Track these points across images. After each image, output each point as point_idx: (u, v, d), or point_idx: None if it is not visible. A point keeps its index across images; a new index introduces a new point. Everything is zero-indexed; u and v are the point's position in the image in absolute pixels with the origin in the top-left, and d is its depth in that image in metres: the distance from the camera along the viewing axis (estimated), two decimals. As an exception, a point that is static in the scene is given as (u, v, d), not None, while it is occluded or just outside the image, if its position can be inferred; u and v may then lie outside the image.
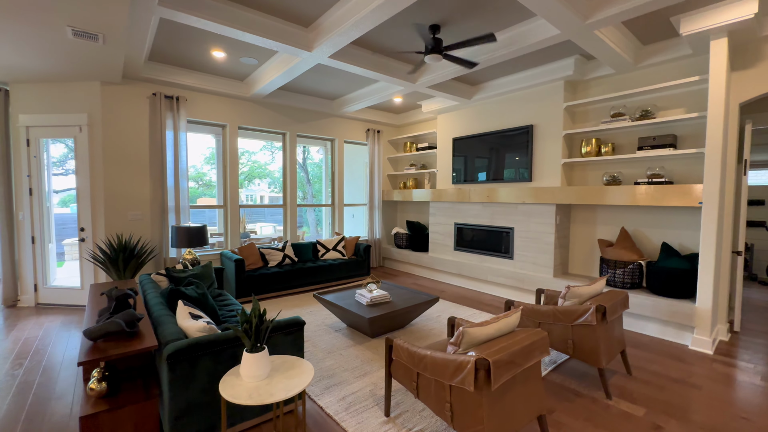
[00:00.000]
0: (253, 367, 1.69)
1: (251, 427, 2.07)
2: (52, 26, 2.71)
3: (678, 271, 3.35)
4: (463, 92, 4.99)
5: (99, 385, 1.79)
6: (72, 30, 2.77)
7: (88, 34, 2.83)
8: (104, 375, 1.81)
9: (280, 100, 5.25)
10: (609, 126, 3.85)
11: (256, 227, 10.57)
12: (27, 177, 4.16)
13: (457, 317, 2.81)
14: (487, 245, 5.08)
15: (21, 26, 2.72)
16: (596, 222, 4.27)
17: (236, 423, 2.00)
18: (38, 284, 4.27)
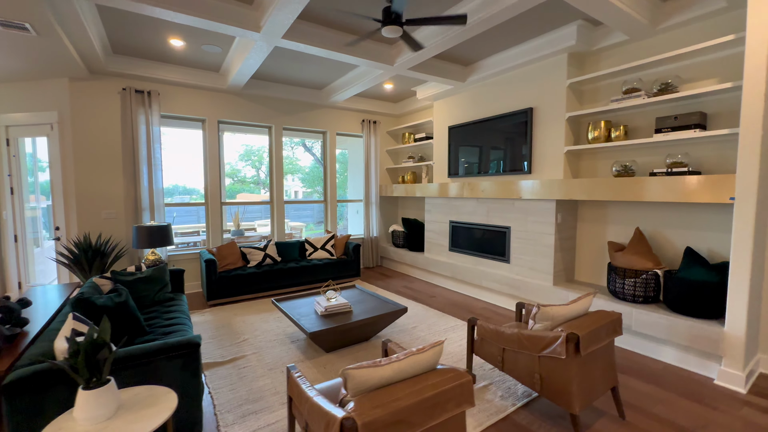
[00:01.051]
0: (88, 407, 1.38)
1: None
2: (-30, 16, 2.56)
3: (702, 284, 2.65)
4: (456, 74, 4.43)
5: (-58, 413, 1.57)
6: (-4, 20, 2.61)
7: (12, 23, 2.67)
8: (-50, 402, 1.59)
9: (262, 92, 4.97)
10: (620, 105, 3.16)
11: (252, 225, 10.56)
12: (8, 176, 4.20)
13: (477, 319, 2.36)
14: (483, 246, 4.52)
15: (-53, 19, 2.61)
16: (607, 221, 3.59)
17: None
18: (21, 282, 4.33)
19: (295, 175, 13.69)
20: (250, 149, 12.89)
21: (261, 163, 13.19)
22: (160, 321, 2.77)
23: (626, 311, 2.99)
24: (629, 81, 3.18)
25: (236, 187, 13.04)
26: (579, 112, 3.46)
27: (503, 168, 4.22)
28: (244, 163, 13.31)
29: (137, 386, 1.64)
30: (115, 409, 1.46)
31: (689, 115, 2.80)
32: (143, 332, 2.53)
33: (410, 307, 4.10)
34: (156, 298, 3.17)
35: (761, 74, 2.28)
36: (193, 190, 12.73)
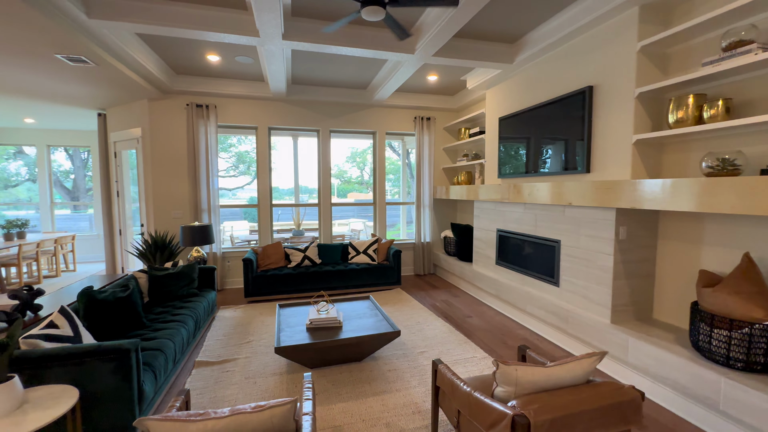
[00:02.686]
0: (-13, 402, 1.49)
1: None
2: (42, 55, 3.19)
3: None
4: (500, 55, 3.71)
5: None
6: (64, 57, 3.21)
7: (73, 57, 3.24)
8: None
9: (306, 96, 5.08)
10: (716, 68, 2.11)
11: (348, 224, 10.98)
12: (115, 182, 5.25)
13: (442, 361, 2.04)
14: (530, 262, 3.68)
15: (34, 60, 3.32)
16: (703, 240, 2.47)
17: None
18: (124, 267, 5.37)
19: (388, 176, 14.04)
20: (355, 152, 13.66)
21: (365, 165, 13.89)
22: (167, 316, 3.00)
23: (713, 379, 1.99)
24: (734, 31, 2.09)
25: (344, 187, 14.02)
26: (653, 86, 2.46)
27: (554, 166, 3.34)
28: (350, 165, 14.25)
29: (51, 385, 1.73)
30: (17, 405, 1.55)
31: (841, 71, 1.67)
32: (142, 326, 2.77)
33: (436, 328, 3.61)
34: (180, 293, 3.48)
35: None
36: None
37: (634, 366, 2.46)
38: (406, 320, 3.80)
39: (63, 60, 3.30)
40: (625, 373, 2.54)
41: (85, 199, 8.04)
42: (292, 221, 7.13)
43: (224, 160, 10.83)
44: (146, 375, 2.11)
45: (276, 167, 9.89)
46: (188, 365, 2.89)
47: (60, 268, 6.05)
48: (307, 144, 5.84)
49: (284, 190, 10.70)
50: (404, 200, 6.24)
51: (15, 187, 8.25)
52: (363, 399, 2.39)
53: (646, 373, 2.38)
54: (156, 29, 2.93)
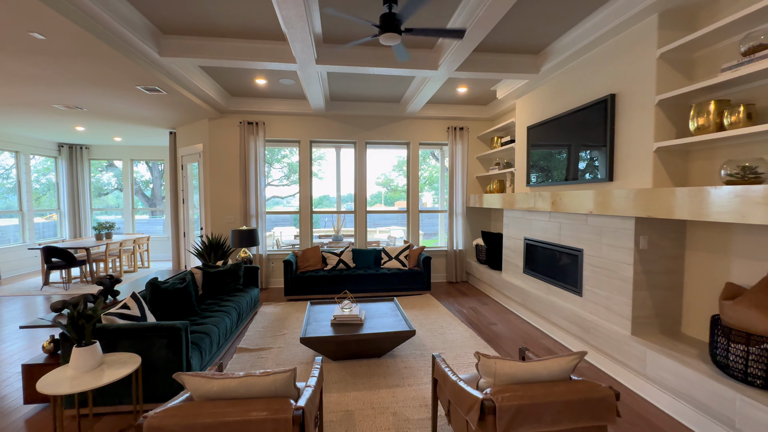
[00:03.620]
0: (76, 359, 1.95)
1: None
2: (125, 87, 3.88)
3: None
4: (525, 66, 3.78)
5: (49, 345, 2.48)
6: (142, 88, 3.89)
7: (150, 88, 3.90)
8: (54, 339, 2.50)
9: (343, 111, 5.48)
10: (736, 73, 2.06)
11: (388, 231, 11.28)
12: (181, 191, 6.04)
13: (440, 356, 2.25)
14: (555, 272, 3.64)
15: (121, 92, 4.05)
16: (730, 251, 2.36)
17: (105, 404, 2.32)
18: (187, 265, 6.12)
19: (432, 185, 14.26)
20: (402, 161, 14.09)
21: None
22: (215, 307, 3.47)
23: (728, 395, 1.91)
24: (754, 35, 2.03)
25: (391, 195, 14.52)
26: (673, 93, 2.42)
27: (579, 174, 3.32)
28: (397, 174, 14.73)
29: (121, 353, 2.18)
30: (97, 364, 2.00)
31: None
32: (195, 313, 3.24)
33: (458, 332, 3.71)
34: (228, 288, 3.96)
35: None
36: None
37: (652, 379, 2.39)
38: (430, 324, 3.94)
39: (142, 90, 3.98)
40: (643, 386, 2.47)
41: (161, 205, 9.23)
42: (333, 227, 7.56)
43: (278, 170, 11.74)
44: (194, 352, 2.51)
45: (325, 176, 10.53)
46: (231, 350, 3.31)
47: (137, 264, 7.04)
48: (350, 154, 6.25)
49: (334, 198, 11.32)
50: (441, 208, 6.37)
51: (106, 195, 9.75)
52: (376, 390, 2.60)
53: (665, 387, 2.31)
54: (214, 62, 3.46)
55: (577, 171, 3.35)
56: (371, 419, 2.27)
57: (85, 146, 7.84)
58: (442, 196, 6.38)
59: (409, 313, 4.30)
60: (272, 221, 12.16)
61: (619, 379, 2.69)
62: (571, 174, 3.41)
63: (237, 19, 3.03)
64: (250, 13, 2.95)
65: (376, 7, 2.84)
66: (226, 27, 3.17)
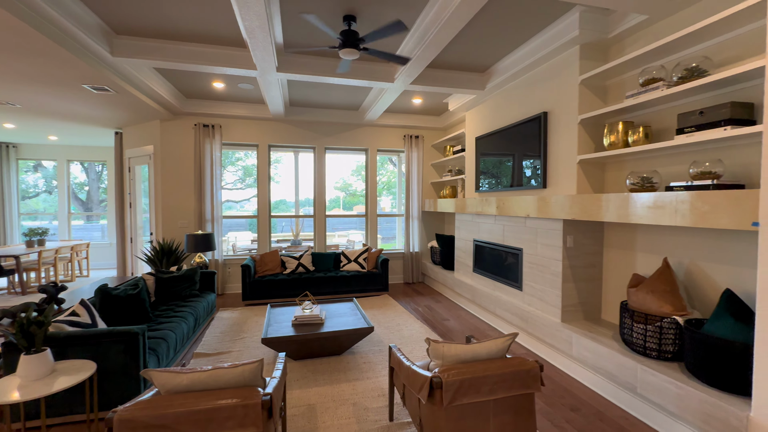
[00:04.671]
0: (25, 367, 1.89)
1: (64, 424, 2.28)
2: (70, 85, 3.70)
3: (725, 343, 1.88)
4: (472, 82, 4.15)
5: (-13, 356, 2.33)
6: (89, 86, 3.72)
7: (100, 88, 3.75)
8: None
9: (303, 117, 5.56)
10: (637, 100, 2.50)
11: (347, 235, 11.38)
12: (128, 194, 5.74)
13: (395, 345, 2.39)
14: (500, 270, 4.03)
15: (67, 91, 3.84)
16: (635, 248, 2.82)
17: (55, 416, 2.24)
18: (134, 272, 5.81)
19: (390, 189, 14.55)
20: (360, 165, 14.20)
21: None
22: (170, 313, 3.40)
23: (630, 366, 2.31)
24: (648, 70, 2.49)
25: (350, 200, 14.53)
26: (591, 114, 2.85)
27: (518, 182, 3.72)
28: (356, 179, 14.80)
29: (77, 360, 2.13)
30: (48, 372, 1.94)
31: (717, 108, 2.05)
32: (148, 320, 3.17)
33: (414, 329, 3.94)
34: (183, 293, 3.88)
35: (789, 43, 1.56)
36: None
37: (576, 358, 2.78)
38: (387, 322, 4.14)
39: (88, 89, 3.81)
40: (570, 365, 2.86)
41: (98, 210, 8.58)
42: (291, 232, 7.54)
43: (232, 173, 11.39)
44: (151, 358, 2.49)
45: (282, 180, 10.44)
46: (188, 356, 3.27)
47: (75, 273, 6.52)
48: (309, 159, 6.31)
49: (291, 203, 11.19)
50: (399, 212, 6.63)
51: (32, 198, 8.86)
52: (337, 384, 2.74)
53: (586, 364, 2.70)
54: (170, 65, 3.43)
55: (518, 178, 3.75)
56: (332, 411, 2.41)
57: (13, 145, 7.14)
58: (400, 200, 6.66)
59: (368, 312, 4.47)
60: (226, 226, 11.74)
61: (551, 361, 3.07)
62: (514, 181, 3.81)
63: (197, 23, 3.05)
64: (210, 19, 2.99)
65: (336, 23, 3.02)
66: (185, 31, 3.17)
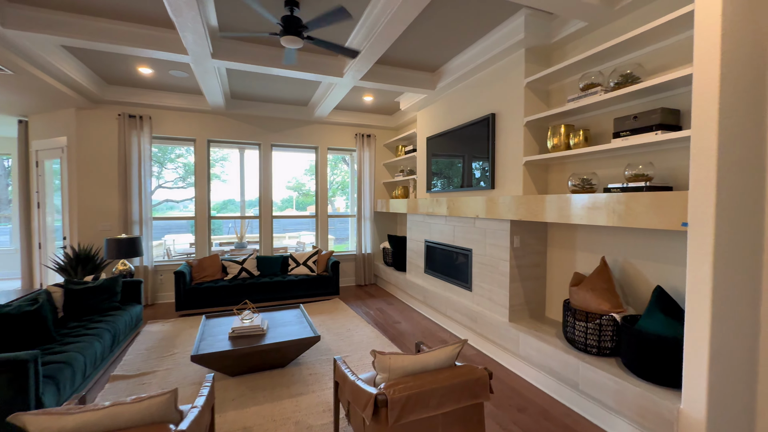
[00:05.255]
0: None
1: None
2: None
3: (658, 339, 1.96)
4: (423, 82, 4.10)
5: None
6: (-25, 63, 3.11)
7: (-11, 65, 3.15)
8: None
9: (247, 111, 5.18)
10: (578, 104, 2.57)
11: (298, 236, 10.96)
12: (36, 193, 4.96)
13: (341, 358, 2.16)
14: (451, 270, 4.02)
15: (-55, 66, 3.18)
16: (576, 247, 2.92)
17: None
18: (44, 282, 5.03)
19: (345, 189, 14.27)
20: (314, 165, 13.69)
21: None
22: (81, 330, 2.93)
23: (573, 363, 2.35)
24: (588, 75, 2.57)
25: (303, 200, 13.96)
26: (536, 116, 2.91)
27: (468, 182, 3.73)
28: (309, 178, 14.28)
29: (-66, 399, 1.70)
30: None
31: (649, 113, 2.15)
32: (51, 340, 2.69)
33: (364, 333, 3.80)
34: (101, 307, 3.39)
35: (713, 54, 1.64)
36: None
37: (523, 357, 2.81)
38: (337, 328, 3.95)
39: (-25, 66, 3.18)
40: (517, 364, 2.89)
41: (7, 210, 7.40)
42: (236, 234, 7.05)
43: (171, 170, 10.48)
44: (48, 388, 2.09)
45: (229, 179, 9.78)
46: (103, 379, 2.84)
47: (-33, 286, 5.51)
48: (256, 156, 5.90)
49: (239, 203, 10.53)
50: (351, 213, 6.45)
51: None
52: (278, 401, 2.51)
53: (532, 363, 2.73)
54: (81, 43, 2.96)
55: (467, 179, 3.76)
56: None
57: None
58: (353, 201, 6.49)
59: (317, 318, 4.26)
60: (164, 228, 10.78)
61: (499, 360, 3.09)
62: (464, 182, 3.81)
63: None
64: (129, -7, 2.61)
65: (277, 7, 2.79)
66: (100, 4, 2.74)
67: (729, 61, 1.65)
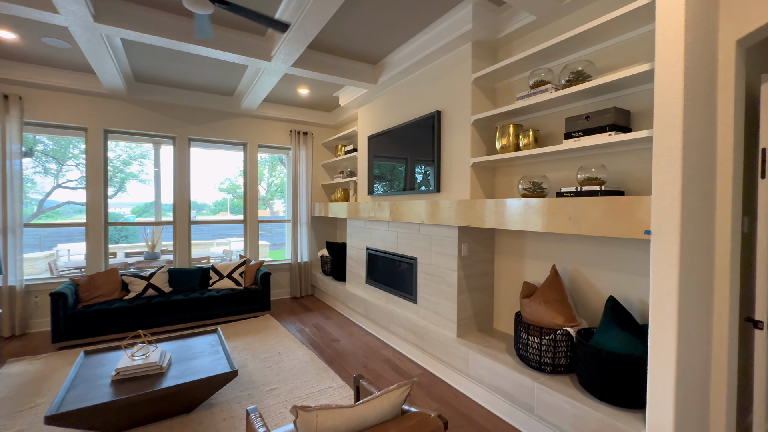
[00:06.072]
0: None
1: None
2: None
3: (619, 358, 1.80)
4: (364, 74, 3.75)
5: None
6: None
7: None
8: None
9: (157, 97, 4.37)
10: (527, 102, 2.40)
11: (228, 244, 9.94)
12: None
13: (256, 410, 1.59)
14: (394, 281, 3.71)
15: None
16: (524, 254, 2.76)
17: None
18: None
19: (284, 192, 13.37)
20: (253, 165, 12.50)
21: (262, 179, 12.97)
22: None
23: (527, 384, 2.14)
24: (537, 72, 2.42)
25: (239, 203, 12.69)
26: (484, 114, 2.70)
27: (412, 185, 3.45)
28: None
29: None
30: None
31: (603, 113, 2.01)
32: None
33: (297, 357, 3.29)
34: None
35: (677, 45, 1.50)
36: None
37: (473, 377, 2.56)
38: (265, 352, 3.40)
39: None
40: (467, 385, 2.63)
41: None
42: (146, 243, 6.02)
43: (74, 167, 8.85)
44: None
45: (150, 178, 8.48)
46: None
47: None
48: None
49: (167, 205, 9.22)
50: (286, 218, 5.85)
51: None
52: (176, 464, 1.93)
53: (483, 383, 2.49)
54: None
55: (411, 181, 3.47)
56: None
57: None
58: (289, 204, 5.90)
59: (241, 341, 3.64)
60: (59, 236, 9.10)
61: (448, 381, 2.82)
62: (407, 184, 3.52)
63: None
64: None
65: (182, -38, 2.23)
66: None
67: (691, 54, 1.52)
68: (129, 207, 10.94)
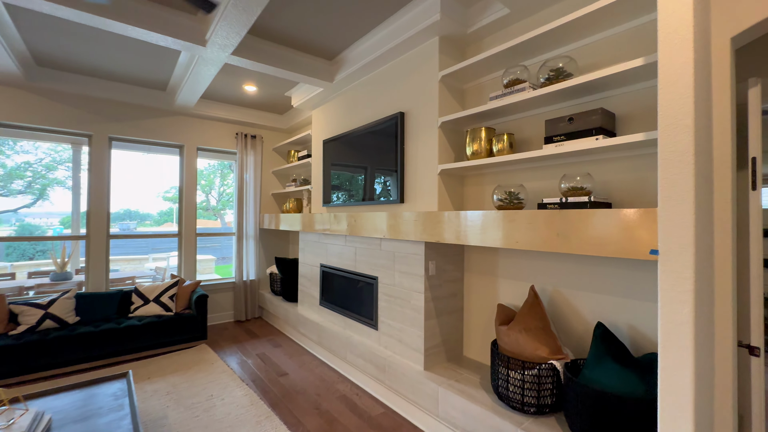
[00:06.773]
0: None
1: None
2: None
3: (617, 399, 1.51)
4: (319, 71, 3.34)
5: None
6: None
7: None
8: None
9: (67, 88, 3.64)
10: (501, 102, 2.13)
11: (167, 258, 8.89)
12: None
13: None
14: (352, 303, 3.28)
15: None
16: (497, 273, 2.48)
17: None
18: None
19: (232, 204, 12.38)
20: (203, 171, 11.40)
21: (211, 188, 11.87)
22: None
23: (509, 431, 1.80)
24: (512, 71, 2.16)
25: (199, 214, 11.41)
26: (453, 116, 2.40)
27: (371, 195, 3.07)
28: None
29: None
30: None
31: (589, 114, 1.78)
32: None
33: (234, 400, 2.73)
34: None
35: (685, 33, 1.28)
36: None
37: (444, 419, 2.19)
38: (193, 396, 2.79)
39: None
40: (438, 427, 2.25)
41: None
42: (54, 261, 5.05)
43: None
44: None
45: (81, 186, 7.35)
46: None
47: None
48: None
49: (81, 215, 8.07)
50: (226, 231, 5.20)
51: None
52: None
53: (456, 426, 2.13)
54: None
55: (371, 191, 3.09)
56: None
57: None
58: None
59: (166, 382, 2.99)
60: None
61: (416, 422, 2.42)
62: (367, 194, 3.14)
63: None
64: None
65: None
66: None
67: (697, 44, 1.31)
68: (57, 217, 9.57)
